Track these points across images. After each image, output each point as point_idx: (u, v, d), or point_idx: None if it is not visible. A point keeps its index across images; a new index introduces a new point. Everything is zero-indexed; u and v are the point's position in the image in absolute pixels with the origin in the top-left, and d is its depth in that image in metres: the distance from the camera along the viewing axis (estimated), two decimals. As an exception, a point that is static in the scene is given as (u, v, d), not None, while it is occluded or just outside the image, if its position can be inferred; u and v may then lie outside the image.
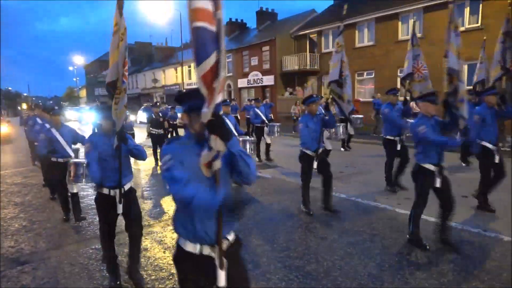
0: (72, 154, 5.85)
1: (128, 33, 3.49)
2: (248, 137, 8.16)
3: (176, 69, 38.38)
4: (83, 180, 4.95)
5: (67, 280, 3.95)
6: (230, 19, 36.49)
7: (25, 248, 4.91)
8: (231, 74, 30.80)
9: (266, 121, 10.66)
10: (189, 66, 36.37)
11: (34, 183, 8.84)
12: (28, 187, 8.51)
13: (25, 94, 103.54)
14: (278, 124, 10.50)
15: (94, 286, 3.81)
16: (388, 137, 6.94)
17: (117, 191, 3.65)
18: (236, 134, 7.41)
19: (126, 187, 3.75)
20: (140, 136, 15.85)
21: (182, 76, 34.69)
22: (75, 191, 5.86)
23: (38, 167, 10.14)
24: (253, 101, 13.49)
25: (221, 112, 7.92)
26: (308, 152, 5.72)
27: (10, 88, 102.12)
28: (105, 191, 3.67)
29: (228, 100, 9.29)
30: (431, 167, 4.29)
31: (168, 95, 39.48)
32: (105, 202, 3.70)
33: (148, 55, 50.79)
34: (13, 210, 6.68)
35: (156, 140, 10.75)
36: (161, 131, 10.69)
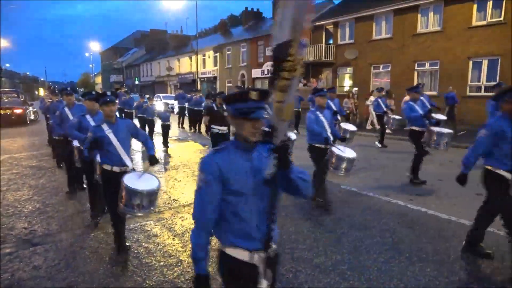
0: (130, 164, 4.19)
1: (143, 20, 2.40)
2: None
3: (190, 58, 38.37)
4: (138, 212, 3.88)
5: (77, 263, 4.01)
6: (246, 8, 36.30)
7: (38, 230, 5.01)
8: (245, 64, 30.68)
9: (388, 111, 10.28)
10: (204, 55, 36.32)
11: (48, 167, 8.98)
12: (42, 170, 8.65)
13: (42, 79, 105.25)
14: (399, 117, 10.04)
15: (104, 269, 3.87)
16: None
17: (262, 255, 1.91)
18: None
19: (274, 245, 2.04)
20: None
21: (197, 64, 34.69)
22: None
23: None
24: None
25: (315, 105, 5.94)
26: (504, 173, 3.83)
27: (28, 73, 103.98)
28: (242, 254, 1.91)
29: (325, 90, 7.03)
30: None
31: (182, 83, 39.60)
32: (240, 273, 1.94)
33: (162, 43, 50.89)
34: (28, 192, 6.81)
35: (221, 141, 7.96)
36: (225, 129, 8.03)
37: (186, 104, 16.90)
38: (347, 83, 23.20)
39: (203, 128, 15.25)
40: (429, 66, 18.20)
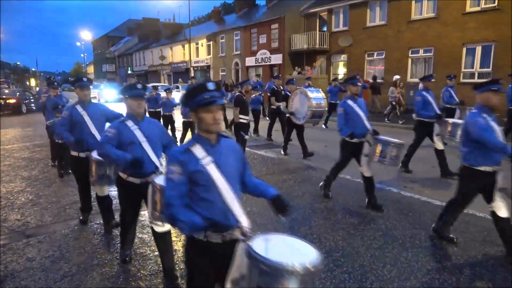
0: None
1: (136, 9, 2.53)
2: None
3: (183, 46, 37.98)
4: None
5: (71, 254, 4.00)
6: (239, -5, 35.80)
7: (31, 221, 4.97)
8: (238, 52, 30.42)
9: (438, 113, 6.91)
10: (197, 43, 35.95)
11: (40, 158, 8.90)
12: (35, 161, 8.58)
13: (33, 69, 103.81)
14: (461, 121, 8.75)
15: (98, 260, 3.86)
16: None
17: None
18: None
19: None
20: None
21: (190, 53, 34.36)
22: None
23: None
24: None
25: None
26: None
27: (18, 63, 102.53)
28: None
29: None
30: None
31: (175, 72, 39.27)
32: None
33: (155, 32, 50.27)
34: (20, 184, 6.76)
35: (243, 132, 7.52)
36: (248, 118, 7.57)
37: None
38: (341, 70, 23.12)
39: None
40: (423, 53, 18.15)
